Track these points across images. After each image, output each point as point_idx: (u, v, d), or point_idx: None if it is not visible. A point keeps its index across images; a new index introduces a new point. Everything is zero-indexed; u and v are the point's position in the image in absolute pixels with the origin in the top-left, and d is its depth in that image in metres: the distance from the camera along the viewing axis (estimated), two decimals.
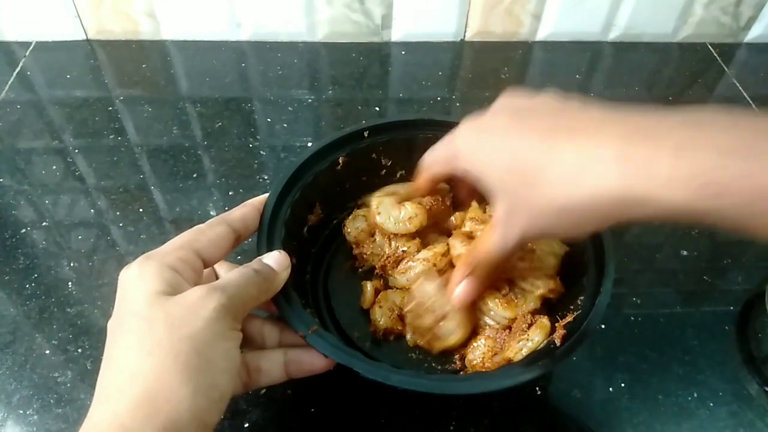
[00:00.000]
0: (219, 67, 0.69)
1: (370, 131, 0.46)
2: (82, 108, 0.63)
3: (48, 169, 0.56)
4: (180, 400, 0.28)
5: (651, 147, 0.26)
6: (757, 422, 0.41)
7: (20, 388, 0.41)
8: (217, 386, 0.30)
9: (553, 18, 0.71)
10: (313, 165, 0.44)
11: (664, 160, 0.26)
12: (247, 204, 0.39)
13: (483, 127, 0.34)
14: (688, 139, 0.26)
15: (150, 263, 0.32)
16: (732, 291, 0.49)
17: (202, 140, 0.60)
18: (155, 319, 0.30)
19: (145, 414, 0.27)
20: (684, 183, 0.25)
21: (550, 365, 0.34)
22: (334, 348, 0.34)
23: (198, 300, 0.30)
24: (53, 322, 0.45)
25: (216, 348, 0.30)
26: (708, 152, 0.25)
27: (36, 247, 0.50)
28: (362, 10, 0.69)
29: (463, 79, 0.69)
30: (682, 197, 0.25)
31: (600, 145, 0.28)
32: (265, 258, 0.36)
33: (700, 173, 0.25)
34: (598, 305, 0.36)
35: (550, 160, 0.29)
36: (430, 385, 0.33)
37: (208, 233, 0.35)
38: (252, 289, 0.33)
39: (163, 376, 0.28)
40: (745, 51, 0.75)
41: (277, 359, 0.36)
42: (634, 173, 0.26)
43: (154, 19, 0.70)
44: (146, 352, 0.29)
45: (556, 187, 0.29)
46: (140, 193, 0.54)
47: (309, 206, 0.45)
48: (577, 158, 0.28)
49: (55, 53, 0.70)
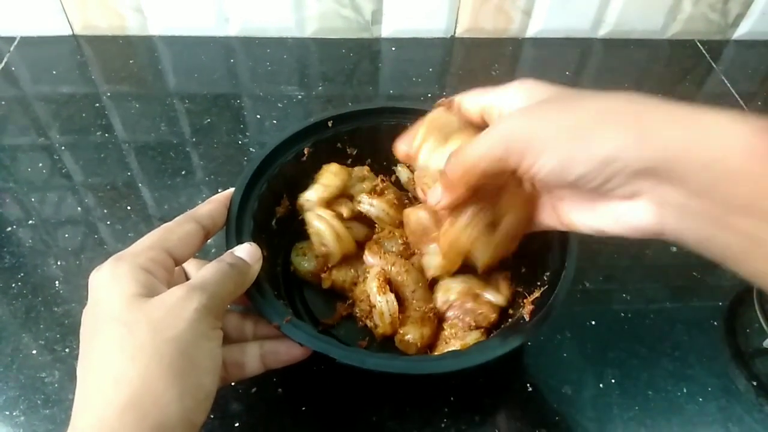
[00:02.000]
0: (207, 62, 0.68)
1: (334, 120, 0.46)
2: (68, 104, 0.62)
3: (34, 166, 0.56)
4: (167, 403, 0.28)
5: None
6: (745, 417, 0.41)
7: (6, 389, 0.41)
8: (202, 386, 0.30)
9: (543, 14, 0.71)
10: (279, 157, 0.44)
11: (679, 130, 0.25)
12: (213, 200, 0.39)
13: (536, 111, 0.30)
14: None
15: (122, 265, 0.31)
16: (721, 286, 0.49)
17: (191, 137, 0.59)
18: (135, 322, 0.29)
19: (133, 418, 0.27)
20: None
21: (521, 340, 0.35)
22: (309, 336, 0.34)
23: (178, 301, 0.30)
24: (40, 321, 0.44)
25: (200, 348, 0.30)
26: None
27: (22, 245, 0.49)
28: (352, 5, 0.69)
29: (454, 76, 0.69)
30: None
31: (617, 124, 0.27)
32: (237, 251, 0.36)
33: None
34: (564, 280, 0.37)
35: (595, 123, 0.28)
36: (405, 366, 0.34)
37: (177, 231, 0.35)
38: (229, 285, 0.33)
39: (148, 380, 0.28)
40: (734, 48, 0.75)
41: (253, 351, 0.36)
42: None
43: (141, 14, 0.69)
44: (129, 356, 0.28)
45: (595, 138, 0.27)
46: (128, 191, 0.54)
47: (276, 198, 0.45)
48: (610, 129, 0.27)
49: (40, 48, 0.69)
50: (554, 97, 0.31)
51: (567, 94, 0.31)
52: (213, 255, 0.48)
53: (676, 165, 0.25)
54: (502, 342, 0.35)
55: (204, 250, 0.48)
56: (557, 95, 0.31)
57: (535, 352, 0.44)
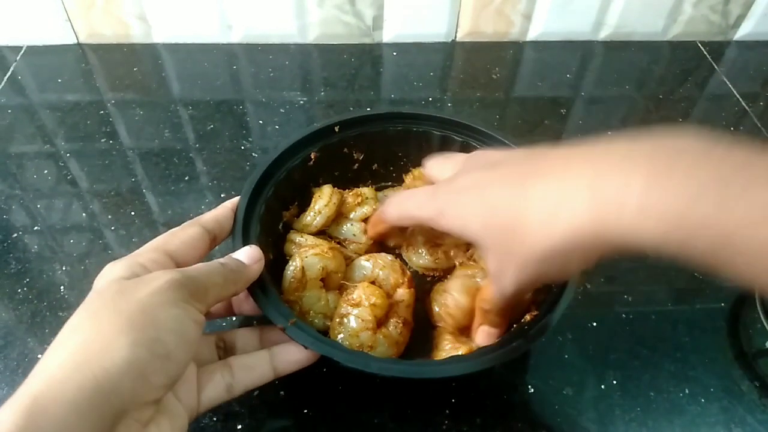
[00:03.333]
0: (210, 69, 0.69)
1: (340, 126, 0.47)
2: (73, 112, 0.63)
3: (40, 173, 0.56)
4: (116, 349, 0.27)
5: (622, 179, 0.25)
6: (748, 417, 0.41)
7: (12, 393, 0.41)
8: (161, 342, 0.28)
9: (543, 18, 0.72)
10: (286, 161, 0.45)
11: (636, 192, 0.25)
12: (221, 206, 0.40)
13: (457, 186, 0.35)
14: (659, 171, 0.24)
15: (119, 262, 0.32)
16: (723, 288, 0.49)
17: (194, 143, 0.60)
18: (107, 290, 0.30)
19: (75, 363, 0.26)
20: (656, 217, 0.24)
21: (524, 346, 0.35)
22: (314, 339, 0.35)
23: (154, 275, 0.31)
24: (45, 326, 0.45)
25: (164, 311, 0.29)
26: (679, 188, 0.24)
27: (28, 251, 0.50)
28: (353, 11, 0.69)
29: (455, 80, 0.70)
30: (653, 232, 0.24)
31: (569, 183, 0.27)
32: (235, 254, 0.36)
33: (671, 210, 0.24)
34: (569, 285, 0.37)
35: (524, 207, 0.29)
36: (409, 371, 0.34)
37: (179, 235, 0.36)
38: (216, 278, 0.33)
39: (100, 328, 0.28)
40: (735, 49, 0.75)
41: (264, 357, 0.36)
42: (605, 206, 0.26)
43: (145, 23, 0.70)
44: (91, 311, 0.29)
45: (534, 233, 0.29)
46: (132, 197, 0.54)
47: (283, 203, 0.46)
48: (549, 200, 0.28)
49: (46, 57, 0.69)
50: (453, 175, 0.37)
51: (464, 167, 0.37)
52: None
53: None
54: (506, 348, 0.35)
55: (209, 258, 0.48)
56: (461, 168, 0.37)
57: (537, 353, 0.44)
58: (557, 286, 0.38)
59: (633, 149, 0.26)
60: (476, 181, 0.33)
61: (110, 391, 0.26)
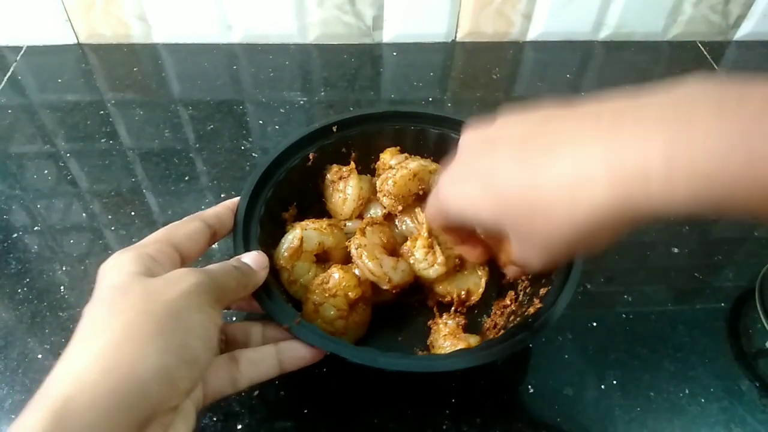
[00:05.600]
0: (210, 69, 0.69)
1: (338, 125, 0.47)
2: (73, 112, 0.63)
3: (40, 174, 0.56)
4: (147, 354, 0.27)
5: (639, 149, 0.23)
6: (748, 418, 0.41)
7: (12, 393, 0.41)
8: (190, 347, 0.28)
9: (543, 18, 0.72)
10: (284, 162, 0.45)
11: (658, 160, 0.23)
12: (221, 204, 0.40)
13: (456, 173, 0.32)
14: (677, 131, 0.23)
15: (127, 252, 0.32)
16: (723, 288, 0.49)
17: (194, 143, 0.60)
18: (131, 289, 0.29)
19: (105, 367, 0.26)
20: (684, 183, 0.22)
21: (528, 339, 0.35)
22: (320, 337, 0.35)
23: (178, 275, 0.30)
24: (45, 326, 0.45)
25: (192, 315, 0.29)
26: (704, 145, 0.22)
27: (28, 251, 0.50)
28: (353, 11, 0.69)
29: (455, 80, 0.70)
30: (684, 198, 0.23)
31: (582, 162, 0.25)
32: (244, 257, 0.36)
33: (700, 171, 0.22)
34: (571, 279, 0.37)
35: (539, 187, 0.27)
36: (416, 365, 0.34)
37: (182, 228, 0.36)
38: (231, 281, 0.33)
39: (131, 331, 0.27)
40: (735, 49, 0.75)
41: (270, 352, 0.36)
42: (626, 183, 0.24)
43: (145, 23, 0.70)
44: (118, 311, 0.28)
45: (557, 213, 0.26)
46: (133, 197, 0.54)
47: (283, 203, 0.46)
48: (567, 179, 0.26)
49: (46, 57, 0.69)
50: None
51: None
52: (218, 260, 0.48)
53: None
54: (511, 342, 0.35)
55: (208, 256, 0.49)
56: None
57: (537, 353, 0.44)
58: (559, 282, 0.38)
59: (641, 110, 0.24)
60: (475, 163, 0.31)
61: (140, 396, 0.26)
